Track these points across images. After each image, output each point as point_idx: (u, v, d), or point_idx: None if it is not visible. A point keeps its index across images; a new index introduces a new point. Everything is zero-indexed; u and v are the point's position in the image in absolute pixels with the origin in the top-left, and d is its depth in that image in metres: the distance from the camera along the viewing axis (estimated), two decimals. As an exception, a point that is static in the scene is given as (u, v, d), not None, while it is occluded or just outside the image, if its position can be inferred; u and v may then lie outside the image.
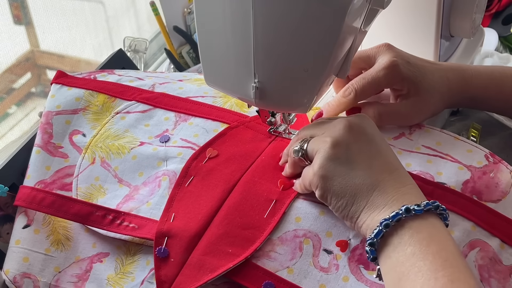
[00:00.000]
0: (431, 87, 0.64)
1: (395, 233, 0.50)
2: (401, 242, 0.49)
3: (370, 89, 0.63)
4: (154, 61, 1.17)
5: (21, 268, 0.64)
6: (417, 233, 0.49)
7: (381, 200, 0.52)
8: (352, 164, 0.53)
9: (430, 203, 0.50)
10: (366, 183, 0.53)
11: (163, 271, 0.58)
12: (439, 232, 0.49)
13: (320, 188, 0.55)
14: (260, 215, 0.59)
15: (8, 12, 0.94)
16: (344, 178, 0.53)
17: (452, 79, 0.66)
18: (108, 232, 0.63)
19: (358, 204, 0.53)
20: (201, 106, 0.70)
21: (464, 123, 0.88)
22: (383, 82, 0.63)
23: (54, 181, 0.68)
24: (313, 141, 0.57)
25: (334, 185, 0.53)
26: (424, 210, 0.50)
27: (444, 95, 0.65)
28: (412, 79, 0.63)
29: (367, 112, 0.64)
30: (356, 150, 0.54)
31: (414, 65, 0.64)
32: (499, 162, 0.60)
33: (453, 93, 0.66)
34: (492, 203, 0.58)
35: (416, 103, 0.64)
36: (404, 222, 0.50)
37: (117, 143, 0.69)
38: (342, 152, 0.54)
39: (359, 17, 0.54)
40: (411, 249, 0.48)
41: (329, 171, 0.54)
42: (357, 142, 0.54)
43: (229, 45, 0.55)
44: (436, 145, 0.63)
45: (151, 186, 0.65)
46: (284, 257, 0.57)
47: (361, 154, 0.54)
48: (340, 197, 0.54)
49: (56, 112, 0.73)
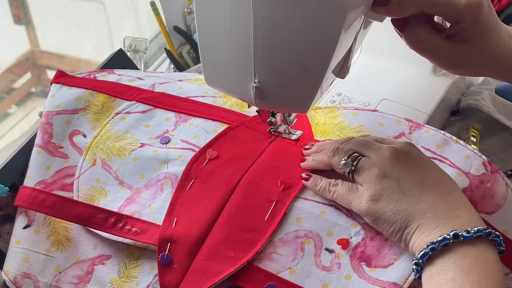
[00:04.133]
0: (493, 44, 0.60)
1: (441, 255, 0.50)
2: (444, 266, 0.49)
3: (440, 5, 0.57)
4: (154, 61, 1.17)
5: (22, 268, 0.64)
6: (462, 259, 0.49)
7: (431, 222, 0.52)
8: (403, 192, 0.54)
9: (481, 229, 0.50)
10: (417, 208, 0.53)
11: (167, 277, 0.58)
12: (485, 259, 0.49)
13: (371, 216, 0.55)
14: (261, 217, 0.59)
15: (8, 12, 0.94)
16: (395, 205, 0.54)
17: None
18: (111, 235, 0.63)
19: (410, 227, 0.53)
20: (201, 106, 0.70)
21: (464, 123, 0.88)
22: (458, 7, 0.56)
23: (55, 181, 0.68)
24: (362, 163, 0.56)
25: (386, 213, 0.54)
26: (473, 236, 0.50)
27: (497, 61, 0.61)
28: (484, 27, 0.58)
29: (413, 28, 0.58)
30: (406, 178, 0.54)
31: (494, 16, 0.59)
32: (496, 171, 0.60)
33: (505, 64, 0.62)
34: (486, 214, 0.58)
35: (467, 51, 0.59)
36: (451, 247, 0.50)
37: (118, 145, 0.69)
38: (392, 182, 0.54)
39: (359, 17, 0.54)
40: (452, 274, 0.49)
41: (381, 201, 0.54)
42: (406, 170, 0.55)
43: (229, 45, 0.55)
44: (435, 147, 0.63)
45: (153, 190, 0.64)
46: (285, 258, 0.57)
47: (412, 181, 0.54)
48: (392, 223, 0.54)
49: (56, 112, 0.72)
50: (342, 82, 0.69)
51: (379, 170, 0.55)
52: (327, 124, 0.68)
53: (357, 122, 0.66)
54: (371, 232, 0.57)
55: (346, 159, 0.57)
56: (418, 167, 0.55)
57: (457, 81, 0.88)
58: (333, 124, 0.67)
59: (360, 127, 0.65)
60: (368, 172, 0.56)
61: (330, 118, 0.68)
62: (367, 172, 0.56)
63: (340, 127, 0.66)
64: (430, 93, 0.84)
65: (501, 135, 0.86)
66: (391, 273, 0.55)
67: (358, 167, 0.57)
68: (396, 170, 0.55)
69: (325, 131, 0.67)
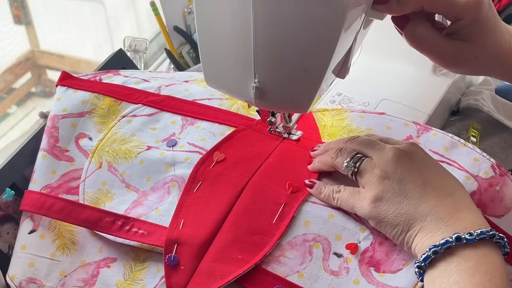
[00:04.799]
0: (494, 43, 0.59)
1: (443, 258, 0.50)
2: (447, 269, 0.49)
3: (440, 2, 0.56)
4: (154, 61, 1.17)
5: (27, 273, 0.64)
6: (465, 261, 0.49)
7: (434, 225, 0.52)
8: (405, 194, 0.54)
9: (484, 232, 0.50)
10: (419, 210, 0.53)
11: (173, 279, 0.58)
12: (489, 262, 0.49)
13: (374, 218, 0.55)
14: (269, 220, 0.59)
15: (8, 12, 0.94)
16: (397, 207, 0.53)
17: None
18: (117, 238, 0.62)
19: (412, 230, 0.53)
20: (207, 109, 0.70)
21: (464, 123, 0.88)
22: (458, 4, 0.56)
23: (60, 185, 0.68)
24: (364, 164, 0.56)
25: (388, 216, 0.54)
26: (476, 239, 0.49)
27: (498, 60, 0.61)
28: (484, 25, 0.58)
29: (413, 26, 0.58)
30: (408, 180, 0.54)
31: (494, 14, 0.59)
32: (505, 174, 0.60)
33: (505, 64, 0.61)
34: (495, 217, 0.58)
35: (467, 49, 0.59)
36: (454, 249, 0.50)
37: (124, 147, 0.68)
38: (394, 184, 0.54)
39: (359, 17, 0.54)
40: (455, 277, 0.48)
41: (382, 203, 0.54)
42: (408, 172, 0.54)
43: (229, 45, 0.54)
44: (443, 151, 0.62)
45: (160, 193, 0.64)
46: (294, 261, 0.57)
47: (414, 182, 0.54)
48: (394, 226, 0.54)
49: (62, 116, 0.72)
50: (342, 82, 0.69)
51: (381, 172, 0.55)
52: (334, 126, 0.68)
53: (364, 125, 0.66)
54: (380, 237, 0.57)
55: (348, 161, 0.57)
56: (421, 169, 0.55)
57: (457, 81, 0.88)
58: (341, 126, 0.67)
59: (367, 130, 0.65)
60: (370, 174, 0.56)
61: (337, 120, 0.68)
62: (369, 173, 0.56)
63: (347, 129, 0.66)
64: (430, 93, 0.84)
65: (501, 135, 0.86)
66: (400, 279, 0.55)
67: (361, 169, 0.56)
68: (398, 171, 0.55)
69: (333, 133, 0.67)
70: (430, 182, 0.54)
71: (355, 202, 0.56)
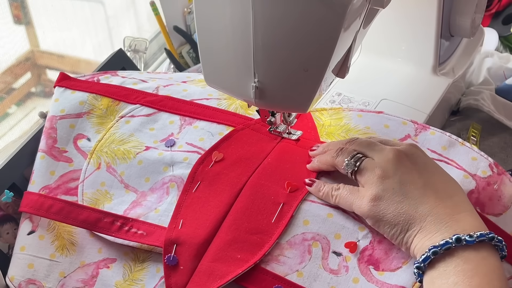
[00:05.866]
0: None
1: (443, 259, 0.50)
2: (446, 270, 0.49)
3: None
4: (154, 61, 1.17)
5: (26, 275, 0.64)
6: (464, 263, 0.49)
7: (433, 226, 0.52)
8: (405, 194, 0.54)
9: (484, 234, 0.50)
10: (419, 211, 0.53)
11: (173, 279, 0.58)
12: (488, 264, 0.49)
13: (373, 217, 0.55)
14: (268, 219, 0.59)
15: (8, 12, 0.94)
16: (396, 207, 0.53)
17: None
18: (116, 238, 0.62)
19: (411, 230, 0.53)
20: (205, 109, 0.70)
21: (464, 123, 0.88)
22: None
23: (59, 186, 0.68)
24: (365, 164, 0.56)
25: (387, 215, 0.54)
26: (476, 241, 0.49)
27: None
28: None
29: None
30: (408, 180, 0.54)
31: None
32: (503, 173, 0.60)
33: None
34: (493, 216, 0.58)
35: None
36: (453, 251, 0.50)
37: (123, 148, 0.68)
38: (394, 184, 0.54)
39: (358, 17, 0.54)
40: (454, 279, 0.48)
41: (382, 202, 0.54)
42: (409, 173, 0.55)
43: (229, 45, 0.55)
44: (441, 150, 0.62)
45: (159, 193, 0.64)
46: (293, 260, 0.57)
47: (414, 183, 0.54)
48: (393, 225, 0.54)
49: (60, 117, 0.72)
50: (342, 82, 0.69)
51: (381, 171, 0.55)
52: (332, 125, 0.68)
53: (362, 124, 0.66)
54: (379, 235, 0.57)
55: (349, 160, 0.57)
56: (421, 170, 0.55)
57: (457, 81, 0.88)
58: (339, 125, 0.67)
59: (365, 129, 0.66)
60: (370, 173, 0.56)
61: (335, 119, 0.68)
62: (369, 173, 0.56)
63: (346, 128, 0.67)
64: (430, 93, 0.84)
65: (501, 135, 0.86)
66: (399, 277, 0.55)
67: (361, 168, 0.57)
68: (398, 172, 0.55)
69: (331, 132, 0.67)
70: (430, 183, 0.54)
71: (354, 200, 0.56)
